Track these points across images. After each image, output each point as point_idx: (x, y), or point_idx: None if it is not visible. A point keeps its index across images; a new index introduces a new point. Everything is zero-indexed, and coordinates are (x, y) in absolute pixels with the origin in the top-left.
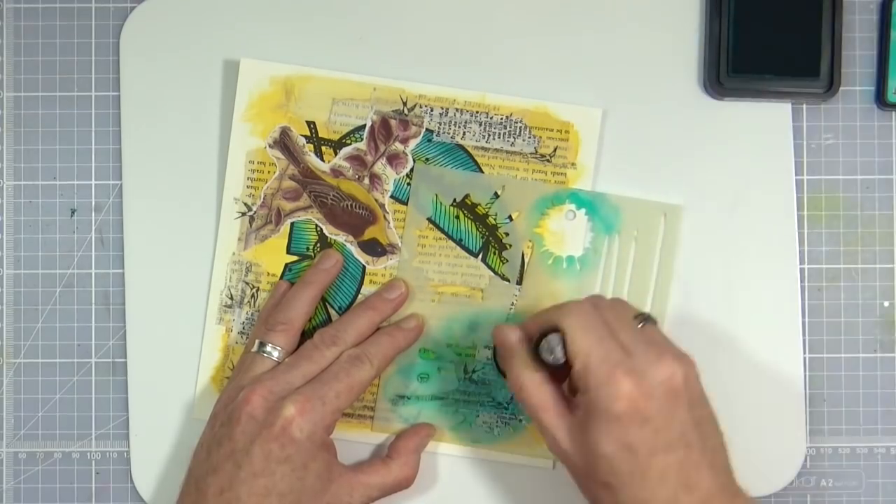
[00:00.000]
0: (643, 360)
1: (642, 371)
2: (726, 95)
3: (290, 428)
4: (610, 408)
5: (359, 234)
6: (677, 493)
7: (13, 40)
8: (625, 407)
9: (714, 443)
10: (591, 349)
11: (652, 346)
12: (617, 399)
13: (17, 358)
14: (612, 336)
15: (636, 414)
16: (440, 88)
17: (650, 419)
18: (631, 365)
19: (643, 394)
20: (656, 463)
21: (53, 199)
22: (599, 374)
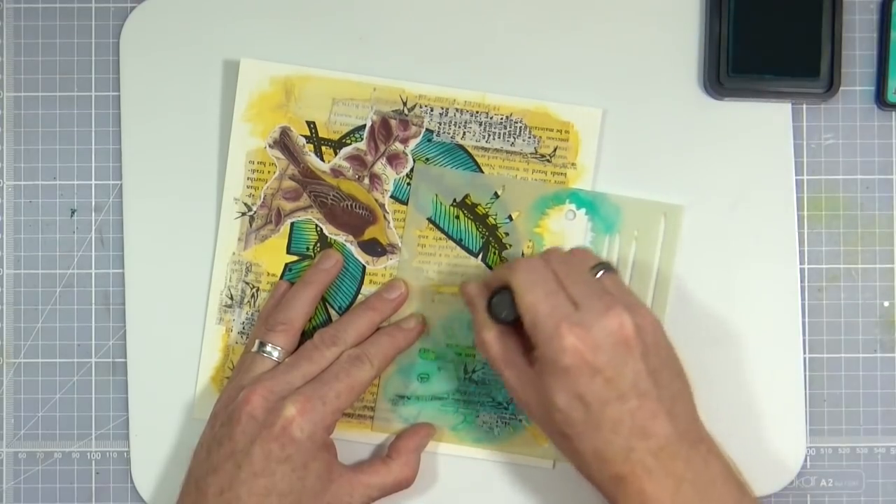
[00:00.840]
0: (591, 312)
1: (589, 323)
2: (726, 95)
3: (290, 428)
4: (558, 361)
5: (359, 234)
6: (631, 441)
7: (13, 40)
8: (571, 360)
9: (673, 391)
10: (537, 304)
11: (603, 296)
12: (563, 352)
13: (17, 358)
14: (560, 289)
15: (584, 366)
16: (440, 88)
17: (600, 370)
18: (577, 318)
19: (589, 346)
20: (609, 413)
21: (53, 199)
22: (546, 328)
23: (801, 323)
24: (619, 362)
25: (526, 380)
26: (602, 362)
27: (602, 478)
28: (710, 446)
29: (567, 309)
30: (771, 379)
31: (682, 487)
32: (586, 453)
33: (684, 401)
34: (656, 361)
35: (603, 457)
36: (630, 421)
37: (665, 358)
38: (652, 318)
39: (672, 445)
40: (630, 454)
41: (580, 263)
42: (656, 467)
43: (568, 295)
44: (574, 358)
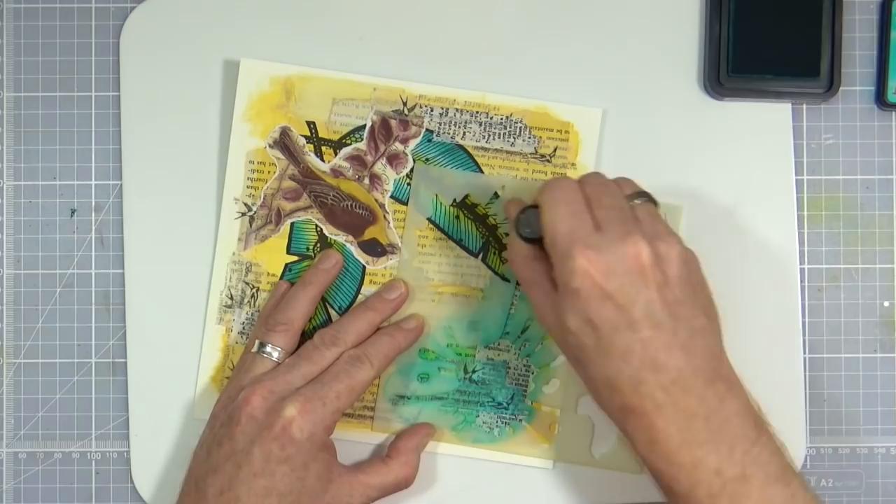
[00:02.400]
0: (609, 237)
1: (603, 247)
2: (726, 95)
3: (290, 428)
4: (569, 282)
5: (359, 234)
6: (642, 373)
7: (13, 40)
8: (581, 282)
9: (694, 325)
10: (558, 223)
11: (627, 223)
12: (574, 274)
13: (17, 358)
14: (586, 212)
15: (594, 289)
16: (440, 88)
17: (611, 295)
18: (593, 241)
19: (601, 270)
20: (619, 340)
21: (53, 199)
22: (561, 248)
23: (801, 323)
24: (631, 290)
25: (549, 302)
26: (613, 288)
27: (612, 407)
28: (729, 385)
29: (586, 230)
30: (771, 379)
31: (692, 423)
32: (597, 380)
33: (705, 337)
34: (677, 293)
35: (613, 385)
36: (641, 351)
37: (690, 292)
38: (680, 250)
39: (685, 380)
40: (639, 386)
41: (616, 189)
42: (666, 401)
43: (592, 218)
44: (584, 281)
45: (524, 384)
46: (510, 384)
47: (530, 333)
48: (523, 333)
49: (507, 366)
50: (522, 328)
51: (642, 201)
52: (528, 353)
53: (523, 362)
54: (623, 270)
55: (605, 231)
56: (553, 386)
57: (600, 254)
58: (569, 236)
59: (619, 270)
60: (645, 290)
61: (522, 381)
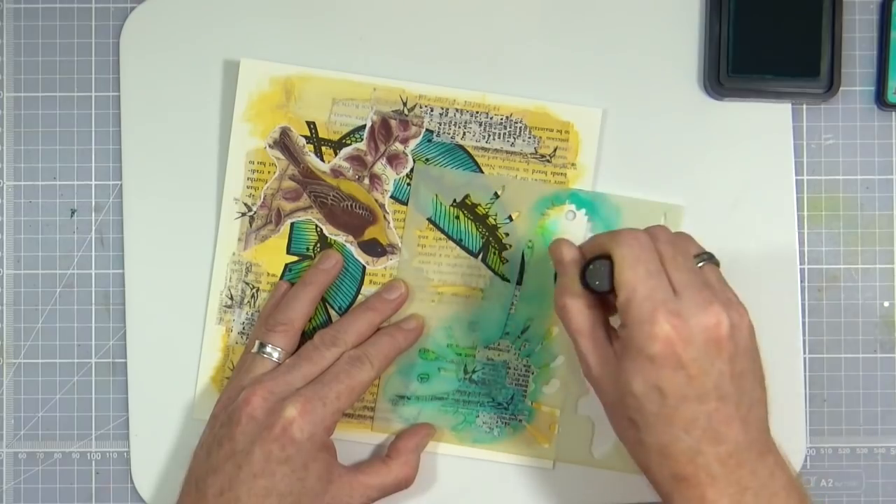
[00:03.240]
0: (690, 303)
1: (686, 314)
2: (726, 95)
3: (290, 429)
4: (645, 347)
5: (359, 235)
6: (701, 444)
7: (13, 40)
8: (661, 349)
9: (753, 398)
10: (637, 283)
11: (705, 289)
12: (654, 339)
13: (17, 358)
14: (662, 272)
15: (672, 357)
16: (440, 88)
17: (685, 365)
18: (676, 306)
19: (682, 338)
20: (685, 410)
21: (53, 199)
22: (642, 310)
23: (801, 323)
24: (706, 361)
25: (603, 356)
26: (690, 357)
27: (662, 474)
28: (777, 458)
29: (666, 294)
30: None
31: (744, 497)
32: (651, 446)
33: (760, 409)
34: (743, 365)
35: (667, 453)
36: (705, 422)
37: (751, 363)
38: (748, 320)
39: (741, 453)
40: (697, 456)
41: (685, 249)
42: (721, 474)
43: (670, 279)
44: (664, 347)
45: (524, 384)
46: (510, 384)
47: (530, 333)
48: (523, 333)
49: (507, 366)
50: (522, 328)
51: (706, 262)
52: (528, 354)
53: (523, 362)
54: (702, 340)
55: (684, 297)
56: (553, 386)
57: (685, 322)
58: (650, 299)
59: (698, 340)
60: (718, 362)
61: (522, 382)
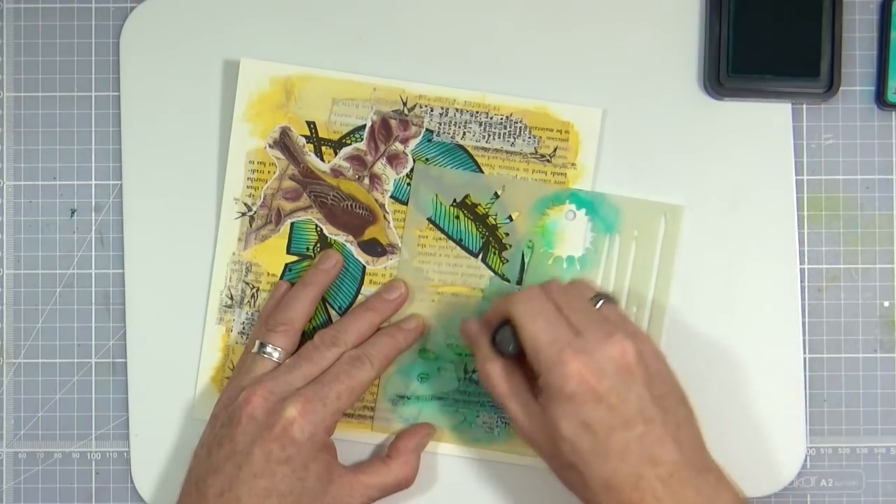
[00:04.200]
0: (592, 339)
1: (591, 350)
2: (726, 95)
3: (290, 429)
4: (562, 388)
5: (359, 234)
6: (640, 468)
7: (13, 40)
8: (576, 386)
9: (678, 417)
10: (539, 333)
11: (604, 324)
12: (567, 378)
13: (17, 358)
14: (560, 318)
15: (589, 392)
16: (440, 88)
17: (603, 397)
18: (579, 344)
19: (593, 372)
20: (616, 440)
21: (53, 199)
22: (549, 355)
23: (801, 323)
24: (622, 388)
25: (531, 412)
26: (606, 388)
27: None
28: (718, 475)
29: (569, 336)
30: (771, 379)
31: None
32: (594, 483)
33: (690, 427)
34: (660, 387)
35: (611, 485)
36: (638, 447)
37: (669, 384)
38: (653, 346)
39: (681, 472)
40: (639, 481)
41: (580, 293)
42: (666, 495)
43: (569, 323)
44: (578, 383)
45: None
46: None
47: None
48: None
49: None
50: None
51: (604, 301)
52: None
53: None
54: (612, 370)
55: (587, 334)
56: None
57: (591, 356)
58: (554, 344)
59: (609, 370)
60: (634, 387)
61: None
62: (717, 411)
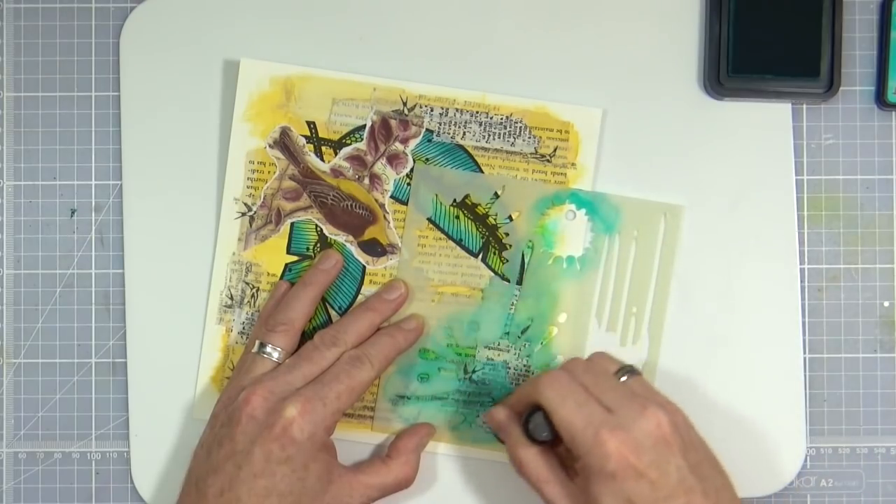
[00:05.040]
0: (627, 415)
1: (627, 426)
2: (726, 95)
3: (290, 429)
4: (603, 468)
5: (359, 234)
6: None
7: (13, 40)
8: (616, 465)
9: (716, 484)
10: (572, 417)
11: (635, 399)
12: (607, 458)
13: (17, 358)
14: (591, 398)
15: (629, 469)
16: (440, 88)
17: (644, 472)
18: (615, 422)
19: (632, 448)
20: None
21: (53, 199)
22: (586, 438)
23: (801, 323)
24: (662, 461)
25: (569, 494)
26: (646, 463)
27: None
28: None
29: (603, 415)
30: (771, 379)
31: None
32: None
33: (727, 492)
34: (695, 456)
35: None
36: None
37: (702, 452)
38: (683, 414)
39: None
40: None
41: (604, 370)
42: None
43: (600, 402)
44: (618, 461)
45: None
46: (510, 384)
47: (530, 333)
48: (523, 333)
49: (507, 366)
50: (522, 328)
51: (629, 375)
52: (528, 354)
53: (523, 362)
54: (650, 444)
55: (620, 411)
56: None
57: (628, 432)
58: (590, 426)
59: (647, 444)
60: (672, 458)
61: (522, 381)
62: (718, 411)
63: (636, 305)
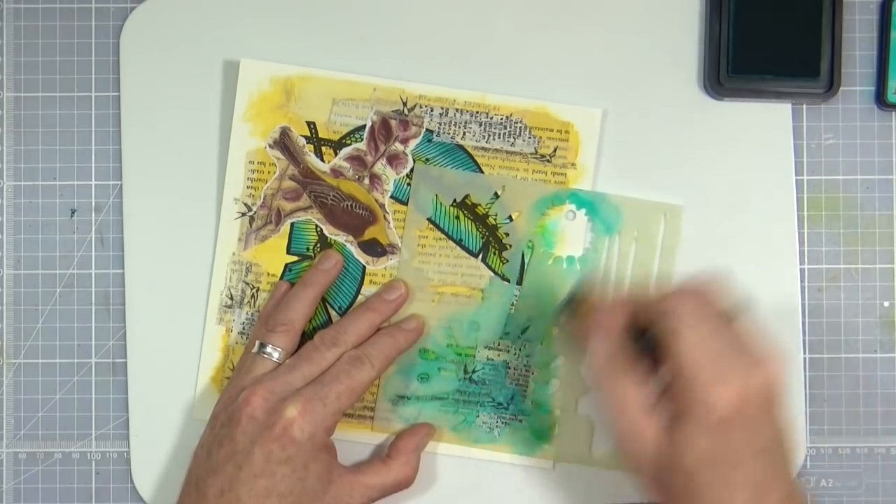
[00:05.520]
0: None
1: (742, 378)
2: (726, 95)
3: (290, 429)
4: (705, 415)
5: (359, 235)
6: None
7: (13, 40)
8: (723, 412)
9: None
10: (693, 351)
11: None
12: (714, 407)
13: (17, 358)
14: (714, 337)
15: (730, 424)
16: (440, 88)
17: (744, 427)
18: (734, 368)
19: (743, 402)
20: (741, 471)
21: (53, 199)
22: (699, 378)
23: (801, 323)
24: (762, 419)
25: (645, 427)
26: (748, 419)
27: None
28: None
29: (722, 361)
30: None
31: None
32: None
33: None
34: (782, 419)
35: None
36: (759, 479)
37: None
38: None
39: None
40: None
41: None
42: None
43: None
44: (727, 410)
45: (524, 384)
46: (510, 384)
47: (530, 334)
48: (523, 333)
49: (507, 366)
50: (522, 328)
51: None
52: (528, 354)
53: (523, 362)
54: (759, 401)
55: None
56: (553, 386)
57: (744, 385)
58: (709, 367)
59: (756, 401)
60: (771, 417)
61: (522, 381)
62: None
63: None
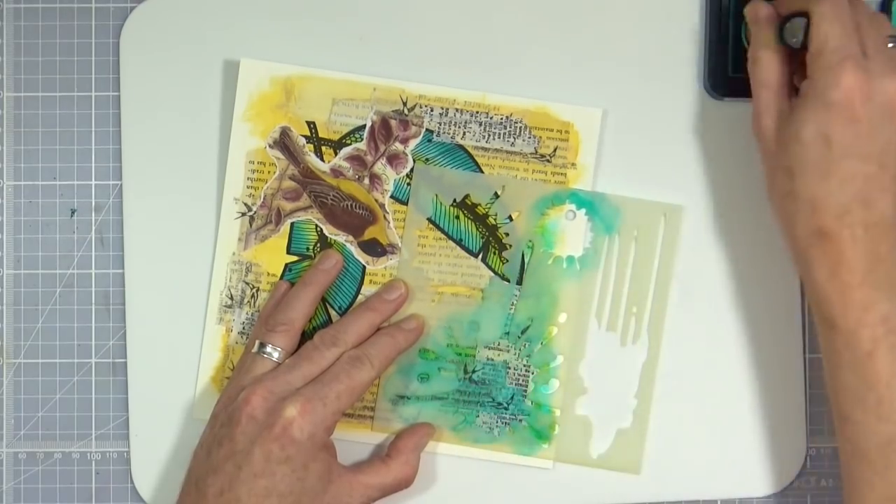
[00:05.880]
0: (878, 66)
1: (872, 73)
2: (727, 95)
3: (290, 429)
4: (825, 93)
5: (359, 234)
6: (852, 204)
7: (13, 40)
8: (840, 97)
9: None
10: (830, 35)
11: (892, 60)
12: (836, 87)
13: (17, 358)
14: (857, 33)
15: (848, 108)
16: (440, 88)
17: (859, 119)
18: (864, 63)
19: (863, 92)
20: (845, 166)
21: (53, 199)
22: (831, 59)
23: (801, 323)
24: (879, 123)
25: (779, 109)
26: (865, 114)
27: (805, 228)
28: None
29: (857, 52)
30: (771, 379)
31: (878, 267)
32: (802, 197)
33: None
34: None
35: (817, 206)
36: (861, 183)
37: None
38: None
39: (886, 225)
40: (845, 215)
41: (880, 24)
42: (863, 239)
43: (862, 42)
44: (844, 96)
45: (524, 384)
46: (510, 384)
47: (530, 333)
48: (523, 333)
49: (507, 366)
50: (522, 328)
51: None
52: (528, 354)
53: (523, 362)
54: (881, 102)
55: (875, 59)
56: (553, 386)
57: (869, 78)
58: (841, 51)
59: (878, 101)
60: (890, 128)
61: (522, 381)
62: (718, 410)
63: (636, 305)
